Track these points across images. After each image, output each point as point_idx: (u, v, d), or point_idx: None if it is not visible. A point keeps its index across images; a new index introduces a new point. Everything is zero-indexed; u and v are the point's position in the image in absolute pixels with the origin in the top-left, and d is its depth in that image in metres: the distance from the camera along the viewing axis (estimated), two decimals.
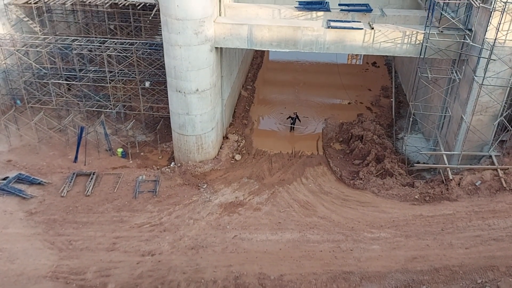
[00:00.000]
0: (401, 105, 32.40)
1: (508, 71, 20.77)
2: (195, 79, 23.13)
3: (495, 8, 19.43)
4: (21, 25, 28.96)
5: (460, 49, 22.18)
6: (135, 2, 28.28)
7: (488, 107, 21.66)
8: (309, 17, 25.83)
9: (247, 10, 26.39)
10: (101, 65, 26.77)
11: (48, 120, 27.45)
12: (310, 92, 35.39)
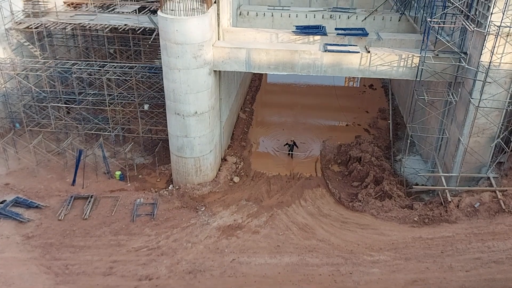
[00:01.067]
0: (399, 127, 32.59)
1: (504, 93, 20.99)
2: (193, 101, 23.30)
3: (489, 32, 19.77)
4: (22, 49, 29.27)
5: (455, 71, 22.44)
6: (135, 26, 28.66)
7: (485, 129, 21.80)
8: (306, 41, 26.19)
9: (245, 34, 26.78)
10: (100, 89, 26.95)
11: (47, 143, 27.47)
12: (308, 114, 35.60)
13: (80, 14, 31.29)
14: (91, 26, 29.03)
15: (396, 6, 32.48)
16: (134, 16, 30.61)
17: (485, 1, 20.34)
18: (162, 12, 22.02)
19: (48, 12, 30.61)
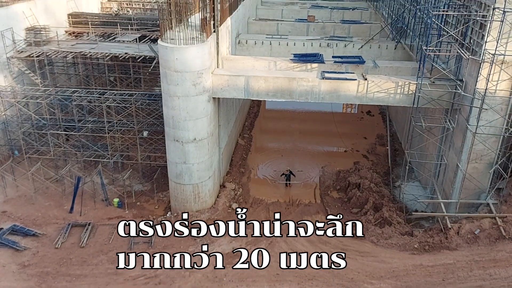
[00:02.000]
0: (397, 153, 32.68)
1: (501, 120, 21.16)
2: (192, 128, 23.42)
3: (484, 59, 20.09)
4: (23, 77, 29.59)
5: (452, 98, 22.68)
6: (135, 55, 29.08)
7: (483, 155, 21.88)
8: (304, 68, 26.55)
9: (244, 62, 27.17)
10: (100, 116, 27.14)
11: (45, 170, 27.44)
12: (307, 140, 35.74)
13: (81, 43, 31.81)
14: (92, 55, 29.46)
15: (392, 34, 33.11)
16: (135, 44, 31.10)
17: (479, 30, 20.74)
18: (162, 41, 22.39)
19: (50, 41, 31.08)
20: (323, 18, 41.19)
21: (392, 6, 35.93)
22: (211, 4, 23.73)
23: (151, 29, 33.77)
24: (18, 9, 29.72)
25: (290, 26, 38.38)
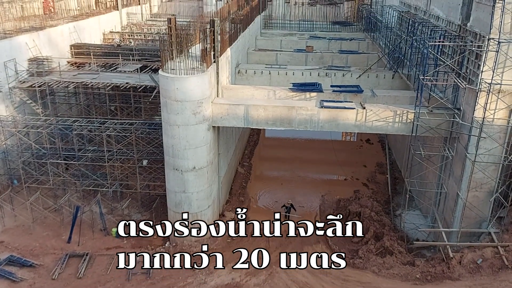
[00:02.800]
0: (397, 181, 32.62)
1: (499, 148, 21.22)
2: (192, 157, 23.46)
3: (481, 89, 20.32)
4: (24, 107, 29.81)
5: (450, 127, 22.83)
6: (136, 85, 29.41)
7: (482, 183, 21.84)
8: (303, 97, 26.84)
9: (244, 91, 27.49)
10: (100, 145, 27.23)
11: (44, 200, 27.29)
12: (307, 168, 35.72)
13: (83, 73, 32.22)
14: (93, 84, 29.80)
15: (389, 64, 33.58)
16: (136, 74, 31.51)
17: (475, 60, 21.06)
18: (163, 71, 22.72)
19: (52, 71, 31.50)
20: (321, 49, 41.85)
21: (388, 36, 36.58)
22: (211, 36, 24.19)
23: (152, 60, 34.27)
24: (21, 41, 30.25)
25: (289, 56, 38.99)
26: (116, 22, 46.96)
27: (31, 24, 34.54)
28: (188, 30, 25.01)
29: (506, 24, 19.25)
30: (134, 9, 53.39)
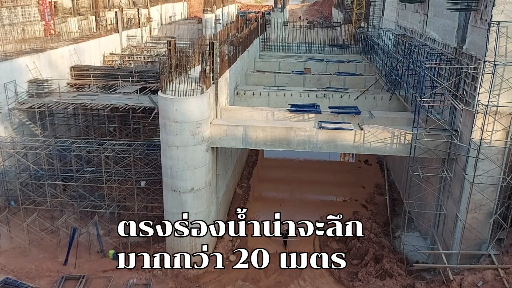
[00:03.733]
0: (396, 202, 32.52)
1: (497, 170, 21.26)
2: (190, 178, 23.43)
3: (478, 110, 20.48)
4: (23, 128, 29.87)
5: (448, 148, 22.91)
6: (135, 106, 29.55)
7: (481, 205, 21.80)
8: (301, 118, 26.99)
9: (242, 112, 27.64)
10: (98, 166, 27.19)
11: (41, 221, 27.09)
12: (305, 189, 35.62)
13: (82, 94, 32.42)
14: (93, 106, 29.93)
15: (386, 86, 33.89)
16: (135, 96, 31.69)
17: (472, 82, 21.29)
18: (162, 92, 22.88)
19: (52, 93, 31.67)
20: (319, 70, 42.28)
21: (385, 59, 37.03)
22: (210, 58, 24.47)
23: (152, 81, 34.52)
24: (22, 62, 30.50)
25: (287, 77, 39.36)
26: (116, 44, 47.46)
27: (32, 46, 34.91)
28: (188, 52, 25.33)
29: (501, 47, 19.53)
30: (134, 32, 54.02)
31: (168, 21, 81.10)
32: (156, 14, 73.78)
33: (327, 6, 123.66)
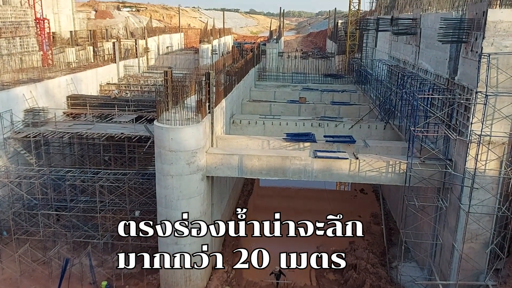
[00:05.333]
0: (392, 232, 32.30)
1: (493, 199, 21.27)
2: (185, 208, 23.24)
3: (471, 140, 20.65)
4: (18, 157, 29.78)
5: (443, 178, 22.97)
6: (131, 135, 29.62)
7: (478, 234, 21.69)
8: (296, 147, 27.08)
9: (238, 141, 27.72)
10: (92, 195, 27.00)
11: (33, 252, 26.65)
12: (301, 218, 35.25)
13: (78, 123, 32.51)
14: (88, 135, 29.97)
15: (381, 115, 34.23)
16: (131, 125, 31.81)
17: (464, 112, 21.56)
18: (158, 121, 22.99)
19: (47, 122, 31.75)
20: (314, 100, 42.74)
21: (379, 88, 37.55)
22: (206, 87, 24.74)
23: (148, 110, 34.74)
24: (18, 92, 30.70)
25: (282, 107, 39.73)
26: (113, 74, 47.99)
27: (30, 76, 35.24)
28: (184, 82, 25.63)
29: (492, 78, 19.89)
30: (132, 62, 54.73)
31: (165, 51, 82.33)
32: (154, 45, 74.94)
33: (321, 37, 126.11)
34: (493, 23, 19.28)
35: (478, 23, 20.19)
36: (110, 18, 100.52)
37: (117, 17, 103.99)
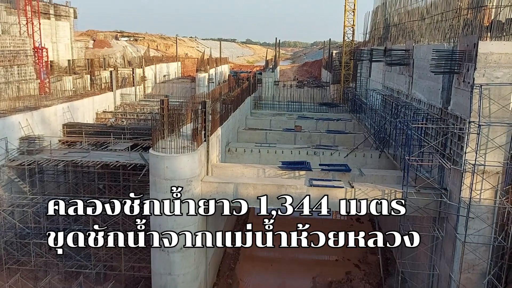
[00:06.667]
0: (389, 262, 31.95)
1: (488, 229, 21.19)
2: (180, 237, 22.98)
3: (466, 169, 20.74)
4: (11, 185, 29.53)
5: (438, 207, 22.93)
6: (126, 163, 29.54)
7: (474, 264, 21.50)
8: (292, 176, 27.08)
9: (233, 169, 27.71)
10: (85, 224, 26.68)
11: (24, 282, 26.07)
12: (297, 247, 34.92)
13: (73, 151, 32.43)
14: (83, 163, 29.86)
15: (375, 144, 34.42)
16: (126, 153, 31.75)
17: (458, 142, 21.72)
18: (153, 150, 23.00)
19: (43, 150, 31.66)
20: (310, 128, 43.00)
21: (373, 117, 37.88)
22: (202, 116, 24.89)
23: (144, 138, 34.76)
24: (14, 120, 30.73)
25: (278, 135, 39.92)
26: (110, 102, 48.24)
27: (26, 103, 35.35)
28: (180, 110, 25.78)
29: (485, 108, 20.15)
30: (129, 90, 55.13)
31: (162, 79, 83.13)
32: (151, 73, 75.72)
33: (316, 66, 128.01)
34: (484, 55, 19.69)
35: (469, 55, 20.61)
36: (108, 47, 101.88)
37: (115, 47, 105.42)
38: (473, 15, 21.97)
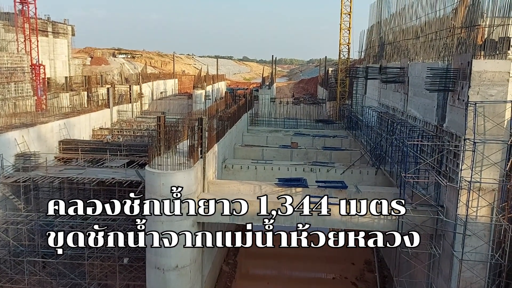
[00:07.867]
0: (386, 279, 31.71)
1: (485, 246, 21.10)
2: (175, 255, 22.81)
3: (461, 186, 20.73)
4: (6, 203, 29.29)
5: (435, 224, 22.86)
6: (122, 180, 29.43)
7: (472, 282, 21.32)
8: (288, 192, 26.95)
9: (230, 186, 27.59)
10: None
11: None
12: (294, 265, 34.69)
13: (69, 168, 32.31)
14: (79, 180, 29.72)
15: (372, 161, 34.47)
16: (122, 170, 31.65)
17: (454, 159, 21.78)
18: (150, 166, 22.94)
19: (38, 167, 31.51)
20: (306, 145, 43.06)
21: (369, 134, 38.01)
22: (199, 133, 24.92)
23: (140, 155, 34.70)
24: (10, 136, 30.65)
25: (274, 151, 39.92)
26: (106, 118, 48.29)
27: (23, 120, 35.31)
28: (177, 127, 25.81)
29: (480, 125, 20.25)
30: (125, 107, 55.24)
31: (159, 96, 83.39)
32: (148, 90, 75.99)
33: (312, 84, 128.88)
34: (478, 73, 19.89)
35: (463, 73, 20.82)
36: (106, 65, 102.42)
37: (112, 64, 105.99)
38: (466, 34, 22.25)
